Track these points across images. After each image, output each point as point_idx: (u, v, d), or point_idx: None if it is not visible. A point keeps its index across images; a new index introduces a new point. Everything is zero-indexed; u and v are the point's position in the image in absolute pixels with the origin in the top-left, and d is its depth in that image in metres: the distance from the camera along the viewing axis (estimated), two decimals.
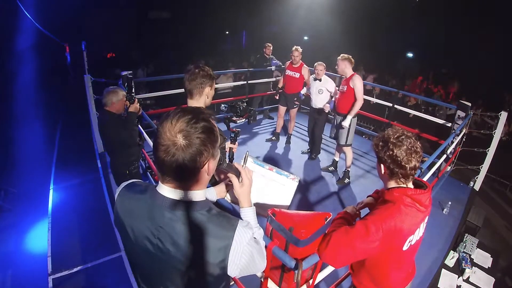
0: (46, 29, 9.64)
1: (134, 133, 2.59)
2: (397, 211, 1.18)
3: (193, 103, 1.66)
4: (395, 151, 1.20)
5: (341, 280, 1.98)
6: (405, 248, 1.25)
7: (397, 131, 1.25)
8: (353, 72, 3.59)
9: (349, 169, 3.92)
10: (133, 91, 3.09)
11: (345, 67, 3.58)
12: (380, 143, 1.25)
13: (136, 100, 2.63)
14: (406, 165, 1.20)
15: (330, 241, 1.22)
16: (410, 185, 1.27)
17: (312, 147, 4.49)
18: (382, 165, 1.26)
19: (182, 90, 5.30)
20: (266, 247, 1.37)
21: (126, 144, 2.53)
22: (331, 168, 4.17)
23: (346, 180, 3.93)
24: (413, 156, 1.20)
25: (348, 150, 3.82)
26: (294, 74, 4.46)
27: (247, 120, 2.38)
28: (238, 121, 2.42)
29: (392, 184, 1.28)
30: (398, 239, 1.20)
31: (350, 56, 3.62)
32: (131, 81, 3.19)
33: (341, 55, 3.65)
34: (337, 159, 4.16)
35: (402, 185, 1.25)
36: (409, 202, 1.20)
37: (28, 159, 5.25)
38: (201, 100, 1.67)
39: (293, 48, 4.39)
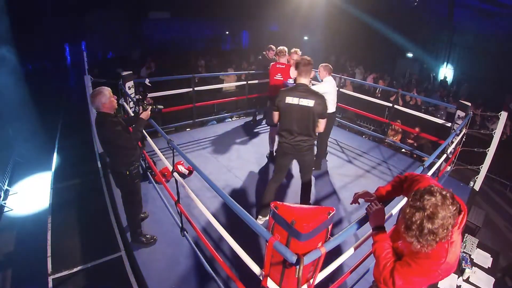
0: (46, 29, 9.65)
1: (137, 136, 2.58)
2: (452, 249, 1.15)
3: (303, 80, 2.61)
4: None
5: (341, 280, 1.98)
6: None
7: (427, 206, 1.07)
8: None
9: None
10: (146, 97, 3.11)
11: None
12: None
13: (150, 107, 2.65)
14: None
15: (396, 285, 1.20)
16: None
17: (318, 152, 4.26)
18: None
19: (182, 90, 5.29)
20: (267, 241, 1.37)
21: (127, 146, 2.50)
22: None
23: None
24: (446, 204, 1.08)
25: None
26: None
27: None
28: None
29: None
30: (455, 266, 1.20)
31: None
32: (147, 88, 3.20)
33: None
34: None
35: None
36: (457, 231, 1.17)
37: (28, 159, 5.26)
38: (308, 79, 2.61)
39: (292, 51, 4.16)
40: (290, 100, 2.56)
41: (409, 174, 1.53)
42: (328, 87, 3.78)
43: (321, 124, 2.69)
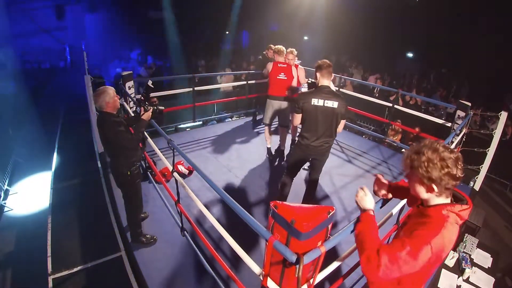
0: (47, 29, 9.66)
1: (138, 137, 2.60)
2: (447, 231, 1.15)
3: (326, 82, 2.67)
4: (450, 167, 1.13)
5: (341, 280, 1.98)
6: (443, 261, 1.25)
7: (434, 146, 1.17)
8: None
9: (267, 146, 4.40)
10: (149, 99, 3.13)
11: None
12: (429, 164, 1.15)
13: (151, 109, 2.64)
14: (460, 176, 1.14)
15: (380, 266, 1.13)
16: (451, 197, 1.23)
17: None
18: (434, 186, 1.16)
19: (182, 90, 5.31)
20: (267, 241, 1.37)
21: (128, 147, 2.50)
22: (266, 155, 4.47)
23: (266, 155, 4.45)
24: (460, 164, 1.14)
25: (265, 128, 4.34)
26: None
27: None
28: None
29: (439, 200, 1.21)
30: (443, 257, 1.18)
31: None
32: (150, 89, 3.21)
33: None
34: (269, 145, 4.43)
35: (447, 200, 1.21)
36: (454, 219, 1.17)
37: (28, 159, 5.26)
38: (329, 80, 2.70)
39: (288, 51, 4.07)
40: (316, 101, 2.62)
41: None
42: None
43: (342, 125, 2.79)
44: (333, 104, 2.61)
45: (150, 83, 3.15)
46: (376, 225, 1.33)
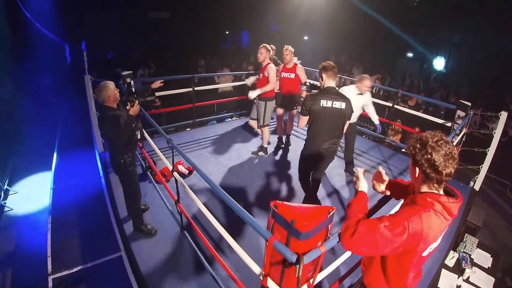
0: (47, 29, 9.66)
1: (130, 133, 2.71)
2: (427, 216, 1.17)
3: (332, 83, 2.67)
4: (433, 156, 1.16)
5: (341, 280, 1.98)
6: (425, 254, 1.25)
7: (436, 135, 1.21)
8: (269, 62, 4.04)
9: (265, 146, 4.46)
10: (134, 94, 3.17)
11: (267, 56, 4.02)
12: (418, 145, 1.21)
13: (137, 103, 2.69)
14: (443, 171, 1.17)
15: (356, 233, 1.18)
16: (441, 191, 1.25)
17: (348, 160, 4.26)
18: (417, 168, 1.22)
19: (182, 90, 5.29)
20: (267, 241, 1.37)
21: (123, 138, 2.66)
22: (261, 153, 4.50)
23: (260, 153, 4.49)
24: (450, 162, 1.17)
25: (264, 130, 4.34)
26: (290, 75, 4.31)
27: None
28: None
29: (424, 188, 1.25)
30: (422, 245, 1.19)
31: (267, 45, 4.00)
32: (131, 85, 3.25)
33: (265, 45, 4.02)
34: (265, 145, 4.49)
35: (434, 191, 1.23)
36: (440, 210, 1.19)
37: (29, 158, 5.25)
38: (335, 81, 2.68)
39: (284, 48, 4.21)
40: (324, 103, 2.61)
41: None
42: None
43: (346, 126, 2.81)
44: (340, 105, 2.62)
45: (128, 78, 3.23)
46: (365, 202, 1.41)
